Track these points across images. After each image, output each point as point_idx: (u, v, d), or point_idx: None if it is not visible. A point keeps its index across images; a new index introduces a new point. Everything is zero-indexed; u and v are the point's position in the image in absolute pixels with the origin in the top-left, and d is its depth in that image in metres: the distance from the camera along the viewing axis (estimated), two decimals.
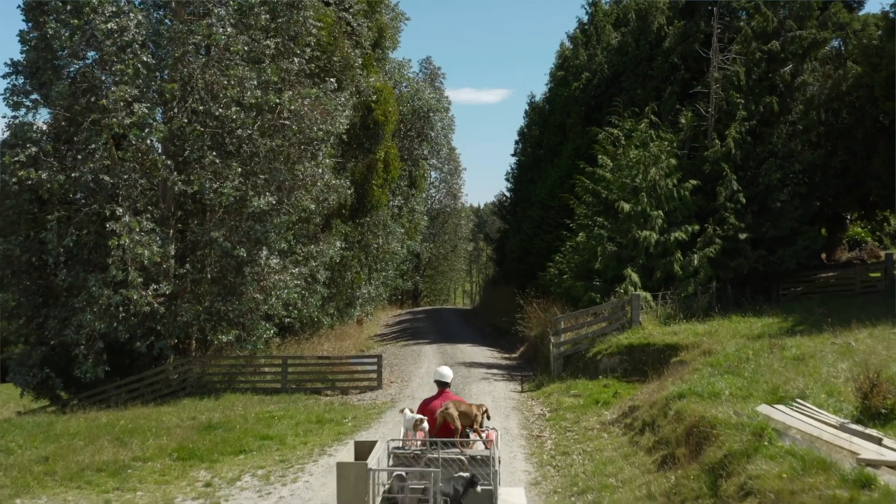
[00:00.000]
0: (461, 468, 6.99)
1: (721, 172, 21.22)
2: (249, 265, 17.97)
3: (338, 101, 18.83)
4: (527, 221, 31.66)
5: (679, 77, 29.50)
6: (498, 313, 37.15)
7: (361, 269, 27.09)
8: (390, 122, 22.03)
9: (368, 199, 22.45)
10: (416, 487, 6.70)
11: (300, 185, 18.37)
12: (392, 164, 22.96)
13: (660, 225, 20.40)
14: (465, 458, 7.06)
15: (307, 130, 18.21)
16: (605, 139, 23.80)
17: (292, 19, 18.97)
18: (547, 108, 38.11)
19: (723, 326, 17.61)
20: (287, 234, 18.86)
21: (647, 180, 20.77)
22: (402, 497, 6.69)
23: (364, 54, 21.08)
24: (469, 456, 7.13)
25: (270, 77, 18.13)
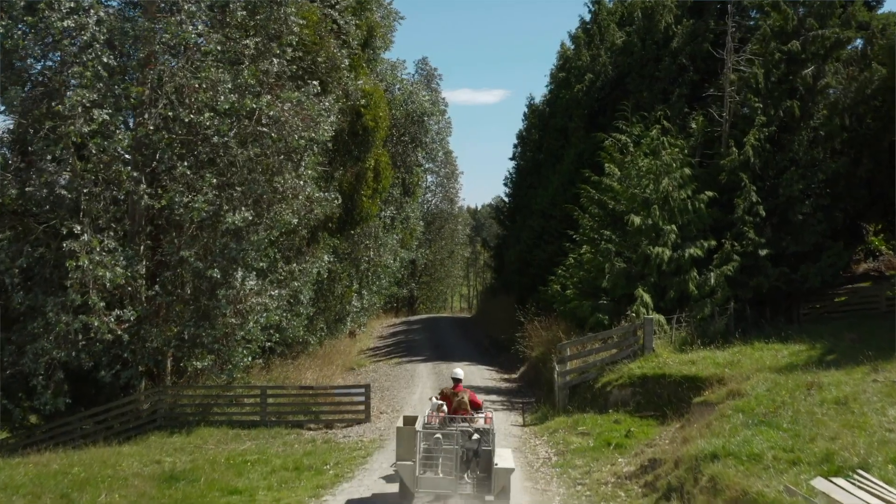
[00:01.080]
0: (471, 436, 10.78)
1: (739, 183, 19.59)
2: (224, 287, 16.30)
3: (322, 105, 17.16)
4: (527, 231, 30.02)
5: (688, 79, 27.91)
6: (496, 325, 35.52)
7: (352, 283, 25.43)
8: (381, 128, 20.39)
9: (357, 211, 20.80)
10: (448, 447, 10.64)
11: (280, 198, 16.71)
12: (383, 172, 21.30)
13: (673, 240, 18.77)
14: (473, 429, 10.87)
15: (288, 138, 16.55)
16: (612, 146, 22.17)
17: (272, 16, 17.31)
18: (547, 110, 36.48)
19: (745, 355, 15.98)
20: (267, 252, 17.19)
21: (658, 191, 19.14)
22: (437, 450, 10.63)
23: (352, 55, 19.43)
24: (475, 428, 10.94)
25: (247, 79, 16.47)
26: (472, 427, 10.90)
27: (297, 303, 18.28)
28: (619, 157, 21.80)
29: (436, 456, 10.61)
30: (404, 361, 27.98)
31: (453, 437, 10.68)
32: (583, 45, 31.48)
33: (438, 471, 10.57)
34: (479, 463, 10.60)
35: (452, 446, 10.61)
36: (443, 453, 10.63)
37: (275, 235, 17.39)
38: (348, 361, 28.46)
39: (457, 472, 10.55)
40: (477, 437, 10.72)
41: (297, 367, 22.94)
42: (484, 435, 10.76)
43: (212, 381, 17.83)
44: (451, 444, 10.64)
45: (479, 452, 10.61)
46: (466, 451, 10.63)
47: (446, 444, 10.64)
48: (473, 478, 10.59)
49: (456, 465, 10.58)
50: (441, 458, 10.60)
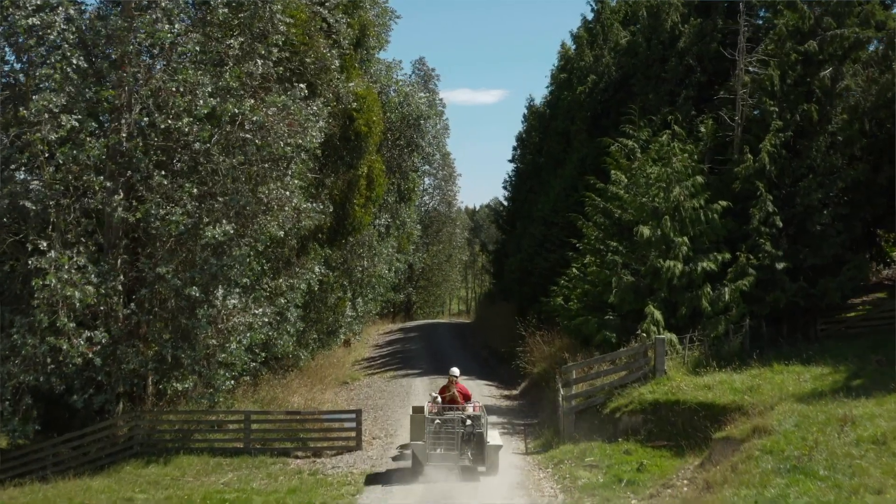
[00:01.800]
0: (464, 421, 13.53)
1: (754, 191, 18.46)
2: (203, 306, 15.14)
3: (309, 110, 16.00)
4: (527, 239, 28.87)
5: (695, 80, 26.81)
6: (496, 334, 34.38)
7: (345, 293, 24.28)
8: (374, 133, 19.24)
9: (349, 221, 19.65)
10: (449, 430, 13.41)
11: (265, 209, 15.55)
12: (377, 179, 20.15)
13: (685, 253, 17.64)
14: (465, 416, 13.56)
15: (273, 145, 15.39)
16: (618, 151, 21.02)
17: (257, 14, 16.15)
18: (548, 112, 35.36)
19: (765, 379, 14.85)
20: (252, 266, 16.03)
21: (669, 201, 17.99)
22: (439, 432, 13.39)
23: (343, 55, 18.27)
24: (468, 415, 13.61)
25: (229, 82, 15.31)
26: (464, 414, 13.78)
27: (283, 320, 17.12)
28: (625, 164, 20.66)
29: (441, 437, 13.54)
30: (399, 375, 26.85)
31: (453, 422, 13.64)
32: (585, 44, 30.34)
33: (443, 448, 13.50)
34: (475, 443, 13.52)
35: (453, 429, 13.56)
36: (445, 435, 13.56)
37: (259, 249, 16.23)
38: (341, 375, 27.33)
39: (458, 449, 13.49)
40: (470, 423, 13.62)
41: (286, 384, 21.78)
42: (475, 420, 13.68)
43: (193, 406, 16.68)
44: (450, 428, 13.59)
45: (474, 434, 13.55)
46: (464, 433, 13.58)
47: (446, 429, 13.58)
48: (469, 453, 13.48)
49: (457, 444, 13.53)
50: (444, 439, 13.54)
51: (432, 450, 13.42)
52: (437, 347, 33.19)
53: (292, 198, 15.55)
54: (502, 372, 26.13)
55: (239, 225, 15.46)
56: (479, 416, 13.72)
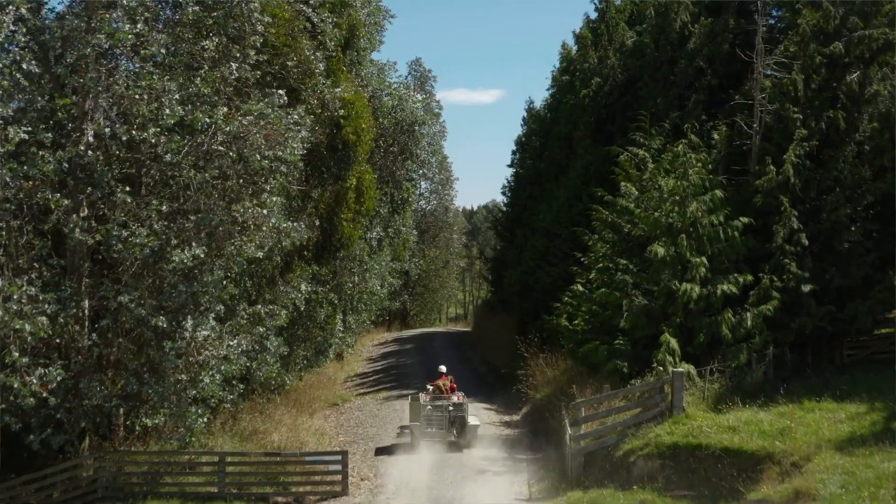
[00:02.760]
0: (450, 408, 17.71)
1: (777, 206, 16.95)
2: (171, 338, 13.59)
3: (290, 118, 14.46)
4: (528, 251, 27.35)
5: (705, 83, 25.36)
6: (495, 348, 32.82)
7: (335, 311, 22.75)
8: (364, 142, 17.71)
9: (337, 237, 18.12)
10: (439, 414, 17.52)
11: (240, 230, 14.02)
12: (367, 192, 18.61)
13: (703, 274, 16.13)
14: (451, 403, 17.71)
15: (249, 158, 13.87)
16: (627, 161, 19.50)
17: (232, 13, 14.62)
18: (549, 116, 33.85)
19: (796, 420, 13.36)
20: (227, 291, 14.49)
21: (685, 217, 16.48)
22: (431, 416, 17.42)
23: (329, 58, 16.73)
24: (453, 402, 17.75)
25: (200, 88, 13.77)
26: (450, 402, 17.84)
27: (263, 350, 15.59)
28: (635, 174, 19.16)
29: (433, 419, 17.52)
30: (393, 396, 25.29)
31: (442, 408, 17.70)
32: (589, 45, 28.83)
33: (434, 428, 17.50)
34: (458, 423, 17.57)
35: (442, 413, 17.63)
36: (436, 417, 17.55)
37: (236, 272, 14.71)
38: (331, 395, 25.79)
39: (446, 429, 17.51)
40: (454, 409, 17.74)
41: (269, 414, 20.26)
42: (459, 406, 17.80)
43: (164, 445, 15.15)
44: (440, 412, 17.65)
45: (458, 417, 17.57)
46: (451, 416, 17.59)
47: (437, 413, 17.63)
48: (454, 432, 17.50)
49: (445, 425, 17.56)
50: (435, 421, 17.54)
51: (426, 429, 17.62)
52: (433, 364, 31.34)
53: (270, 216, 13.99)
54: (502, 391, 24.58)
55: (211, 247, 13.91)
56: (462, 403, 18.10)
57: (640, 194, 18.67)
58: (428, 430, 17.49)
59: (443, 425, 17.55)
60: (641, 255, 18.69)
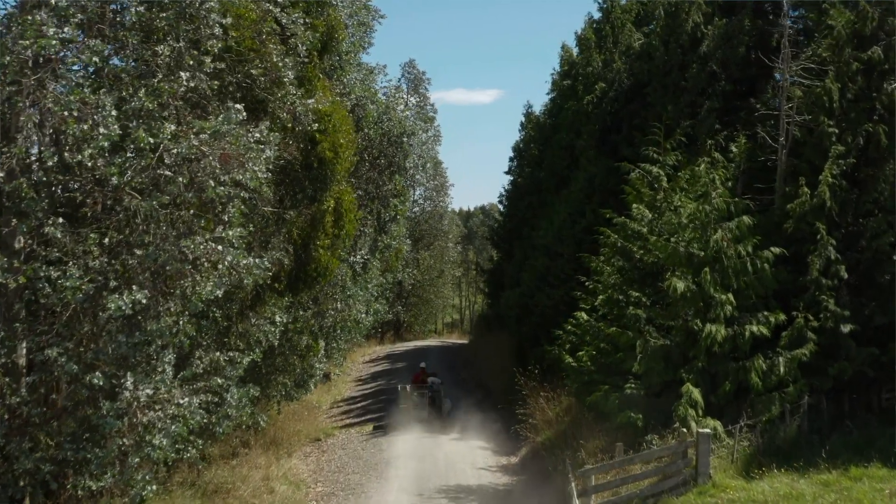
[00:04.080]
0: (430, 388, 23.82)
1: (812, 233, 14.94)
2: (110, 398, 11.53)
3: (251, 136, 12.38)
4: (527, 271, 25.30)
5: (719, 89, 23.40)
6: (491, 371, 30.79)
7: (318, 339, 20.70)
8: (343, 159, 15.67)
9: (312, 266, 16.11)
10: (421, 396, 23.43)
11: (192, 269, 11.94)
12: (346, 215, 16.57)
13: (728, 313, 14.10)
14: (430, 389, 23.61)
15: (203, 185, 11.79)
16: (639, 179, 17.46)
17: (184, 13, 12.54)
18: (548, 123, 31.87)
19: (842, 494, 11.37)
20: (182, 335, 12.41)
21: (708, 246, 14.44)
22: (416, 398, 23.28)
23: (301, 64, 14.66)
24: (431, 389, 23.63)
25: (144, 102, 11.69)
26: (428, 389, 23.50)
27: (222, 403, 13.54)
28: (648, 194, 17.13)
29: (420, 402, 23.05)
30: (380, 431, 23.22)
31: (423, 393, 23.32)
32: (593, 47, 26.80)
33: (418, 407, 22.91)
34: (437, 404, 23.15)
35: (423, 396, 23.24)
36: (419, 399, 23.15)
37: (187, 318, 12.62)
38: (314, 428, 23.72)
39: (427, 408, 22.98)
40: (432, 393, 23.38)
41: (242, 457, 18.25)
42: (436, 392, 23.45)
43: None
44: (422, 395, 23.26)
45: (435, 398, 23.21)
46: (431, 398, 23.24)
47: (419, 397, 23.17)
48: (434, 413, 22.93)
49: (425, 406, 23.00)
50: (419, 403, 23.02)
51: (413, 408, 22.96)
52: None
53: (227, 253, 11.90)
54: (499, 427, 22.47)
55: (157, 290, 11.83)
56: (440, 390, 23.82)
57: (653, 216, 16.65)
58: (416, 411, 23.08)
59: (424, 405, 23.36)
60: (655, 284, 16.69)
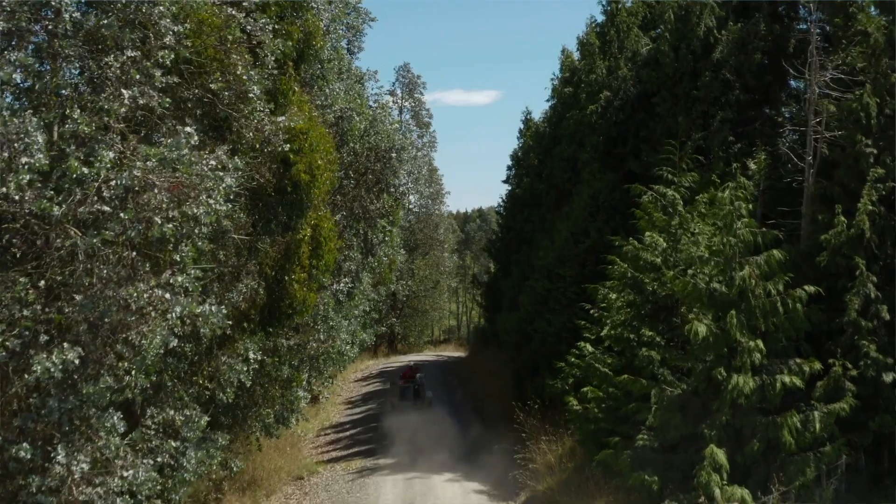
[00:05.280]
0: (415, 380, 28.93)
1: (849, 268, 13.24)
2: (40, 473, 9.80)
3: (206, 163, 10.63)
4: (527, 294, 23.57)
5: (732, 99, 21.77)
6: (489, 393, 29.10)
7: (299, 371, 18.97)
8: (320, 182, 13.94)
9: (287, 302, 14.41)
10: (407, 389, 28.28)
11: (136, 319, 10.19)
12: (325, 244, 14.84)
13: (758, 360, 12.39)
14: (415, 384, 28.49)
15: (150, 223, 10.05)
16: (651, 203, 15.74)
17: (131, 20, 10.82)
18: (548, 132, 30.16)
19: None
20: (125, 395, 10.68)
21: (733, 284, 12.72)
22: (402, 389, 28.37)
23: (271, 76, 12.92)
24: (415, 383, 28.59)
25: (79, 125, 9.96)
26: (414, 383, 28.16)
27: (178, 468, 11.83)
28: (661, 220, 15.41)
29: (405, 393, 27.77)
30: (368, 468, 21.47)
31: (409, 387, 27.92)
32: (597, 53, 25.08)
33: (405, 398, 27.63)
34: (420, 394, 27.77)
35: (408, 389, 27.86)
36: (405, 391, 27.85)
37: (136, 372, 10.88)
38: (296, 465, 21.97)
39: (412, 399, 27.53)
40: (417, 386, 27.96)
41: None
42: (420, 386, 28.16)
43: None
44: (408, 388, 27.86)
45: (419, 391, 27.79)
46: (415, 390, 27.81)
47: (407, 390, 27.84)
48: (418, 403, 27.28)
49: (411, 396, 27.70)
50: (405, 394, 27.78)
51: (401, 400, 27.63)
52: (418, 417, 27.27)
53: (176, 303, 10.15)
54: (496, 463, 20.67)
55: (95, 344, 10.09)
56: (423, 384, 28.61)
57: (667, 245, 14.94)
58: (402, 401, 27.68)
59: (409, 396, 27.92)
60: (669, 319, 15.03)
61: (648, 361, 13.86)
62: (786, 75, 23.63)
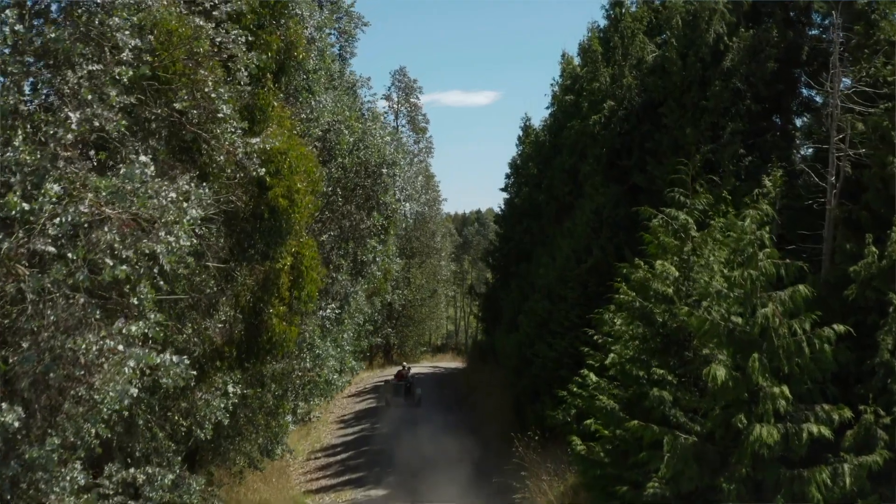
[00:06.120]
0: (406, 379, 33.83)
1: (881, 304, 12.08)
2: None
3: (166, 196, 9.44)
4: (526, 316, 22.40)
5: (743, 109, 20.67)
6: (487, 414, 27.98)
7: (284, 401, 17.81)
8: (301, 206, 12.76)
9: (265, 337, 13.24)
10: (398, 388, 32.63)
11: (84, 373, 9.01)
12: (307, 273, 13.64)
13: (783, 407, 11.22)
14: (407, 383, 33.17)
15: (99, 263, 8.88)
16: (662, 227, 14.56)
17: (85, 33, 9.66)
18: (549, 141, 29.01)
19: None
20: (79, 453, 9.50)
21: (755, 322, 11.54)
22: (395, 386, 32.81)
23: (245, 93, 11.74)
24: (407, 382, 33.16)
25: (21, 153, 8.79)
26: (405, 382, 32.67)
27: None
28: (672, 245, 14.24)
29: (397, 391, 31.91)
30: (359, 501, 20.32)
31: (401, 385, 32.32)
32: (599, 60, 23.91)
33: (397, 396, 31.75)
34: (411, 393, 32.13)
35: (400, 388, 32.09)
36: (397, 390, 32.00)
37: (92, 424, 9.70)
38: (284, 493, 20.84)
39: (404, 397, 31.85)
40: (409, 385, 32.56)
41: None
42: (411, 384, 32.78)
43: None
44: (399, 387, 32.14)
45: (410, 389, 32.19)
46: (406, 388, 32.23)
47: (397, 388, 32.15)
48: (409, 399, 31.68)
49: (402, 394, 31.91)
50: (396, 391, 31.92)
51: (394, 397, 31.73)
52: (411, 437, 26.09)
53: (130, 356, 8.97)
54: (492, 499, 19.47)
55: (41, 403, 8.93)
56: (413, 383, 33.00)
57: (679, 273, 13.77)
58: (395, 398, 31.55)
59: (401, 394, 31.80)
60: (681, 353, 13.87)
61: (660, 403, 12.68)
62: (797, 83, 22.55)
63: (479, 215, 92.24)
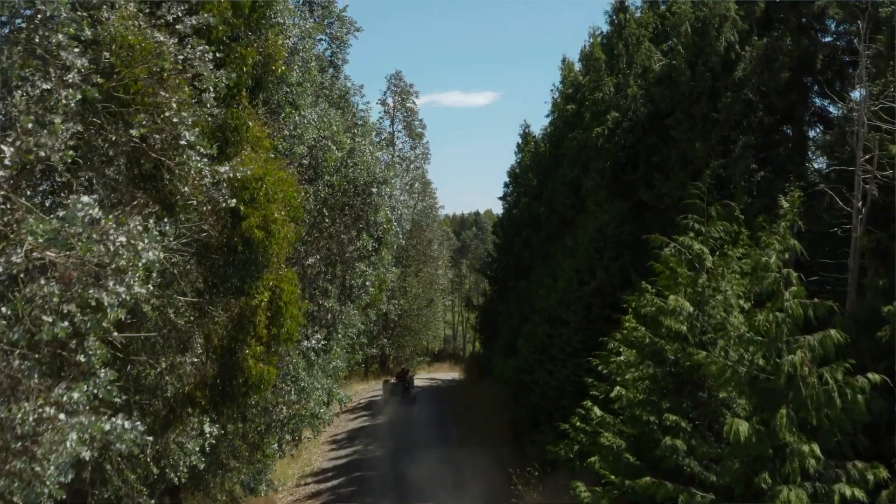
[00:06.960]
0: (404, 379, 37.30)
1: None
2: None
3: (116, 239, 8.27)
4: (526, 340, 21.23)
5: (755, 121, 19.58)
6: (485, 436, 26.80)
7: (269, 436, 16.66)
8: (279, 237, 11.61)
9: (241, 379, 12.08)
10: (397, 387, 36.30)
11: (24, 446, 7.87)
12: (287, 309, 12.45)
13: (812, 467, 10.08)
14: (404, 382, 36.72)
15: (35, 322, 7.72)
16: (674, 257, 13.38)
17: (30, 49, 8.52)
18: (549, 152, 27.86)
19: None
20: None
21: (781, 371, 10.39)
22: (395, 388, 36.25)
23: (214, 115, 10.58)
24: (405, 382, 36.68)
25: None
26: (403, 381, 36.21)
27: None
28: (686, 276, 13.07)
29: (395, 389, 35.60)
30: None
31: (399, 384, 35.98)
32: (602, 68, 22.76)
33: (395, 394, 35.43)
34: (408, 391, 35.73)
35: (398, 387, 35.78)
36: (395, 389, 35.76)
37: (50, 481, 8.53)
38: None
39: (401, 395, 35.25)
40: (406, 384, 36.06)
41: None
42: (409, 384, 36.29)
43: None
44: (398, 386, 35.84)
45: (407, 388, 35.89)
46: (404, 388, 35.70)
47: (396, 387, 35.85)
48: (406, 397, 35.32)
49: (400, 392, 35.40)
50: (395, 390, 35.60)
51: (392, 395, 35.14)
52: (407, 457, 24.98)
53: (73, 426, 7.81)
54: None
55: None
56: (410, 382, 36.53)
57: (694, 308, 12.61)
58: (392, 396, 34.91)
59: (399, 393, 35.02)
60: (695, 395, 12.72)
61: (672, 451, 11.54)
62: (809, 91, 21.43)
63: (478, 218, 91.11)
